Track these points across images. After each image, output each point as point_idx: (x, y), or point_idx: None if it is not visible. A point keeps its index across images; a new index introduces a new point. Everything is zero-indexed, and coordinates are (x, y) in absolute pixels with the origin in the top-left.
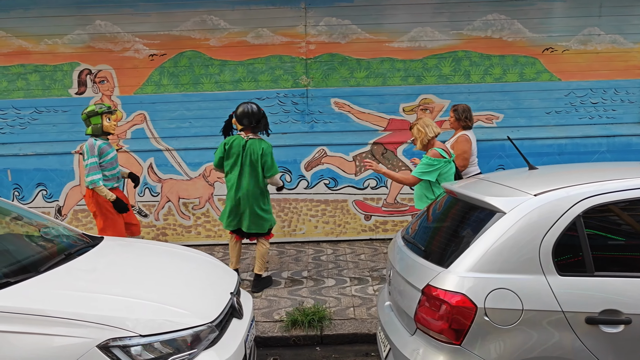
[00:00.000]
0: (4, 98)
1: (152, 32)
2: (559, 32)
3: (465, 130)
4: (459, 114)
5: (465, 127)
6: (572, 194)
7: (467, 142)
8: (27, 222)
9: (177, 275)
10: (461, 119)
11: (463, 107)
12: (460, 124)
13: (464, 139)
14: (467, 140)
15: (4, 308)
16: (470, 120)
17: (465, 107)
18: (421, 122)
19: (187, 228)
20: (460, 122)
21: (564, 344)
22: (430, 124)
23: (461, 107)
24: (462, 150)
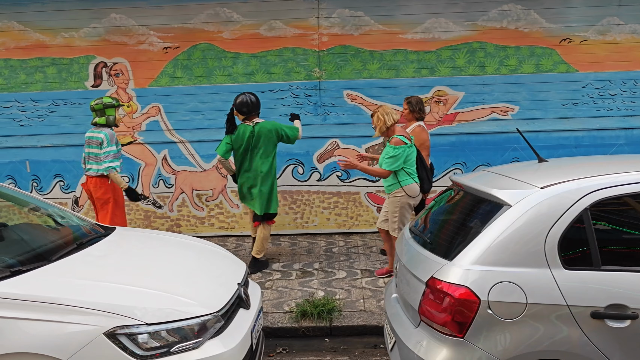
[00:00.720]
0: (23, 91)
1: (166, 25)
2: (577, 22)
3: (419, 121)
4: (413, 105)
5: (418, 119)
6: (579, 187)
7: (424, 132)
8: (43, 213)
9: (185, 265)
10: (415, 111)
11: (416, 98)
12: (414, 116)
13: (421, 129)
14: (424, 130)
15: (15, 295)
16: (423, 111)
17: (418, 98)
18: (381, 110)
19: (201, 219)
20: (414, 114)
21: (569, 338)
22: (390, 112)
23: (414, 98)
24: (423, 139)
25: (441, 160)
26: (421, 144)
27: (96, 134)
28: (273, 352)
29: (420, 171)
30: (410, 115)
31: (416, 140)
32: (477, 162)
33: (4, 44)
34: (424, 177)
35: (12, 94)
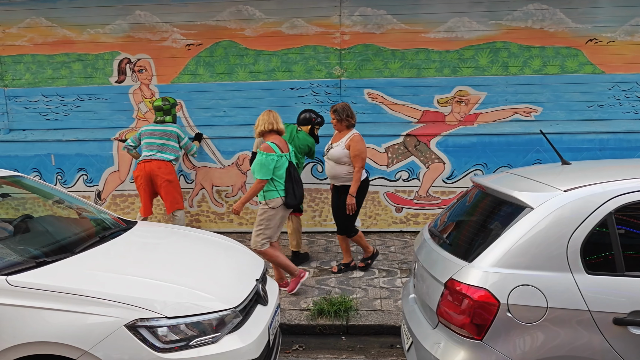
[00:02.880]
0: (49, 86)
1: (190, 22)
2: (604, 23)
3: (353, 128)
4: (339, 113)
5: (349, 126)
6: (604, 191)
7: (361, 141)
8: (67, 205)
9: (204, 261)
10: (343, 119)
11: (342, 105)
12: (344, 124)
13: (358, 138)
14: (361, 139)
15: (40, 285)
16: (352, 117)
17: (344, 105)
18: (265, 113)
19: (220, 215)
20: (343, 122)
21: (590, 344)
22: (267, 120)
23: (339, 106)
24: (359, 150)
25: (461, 161)
26: (356, 154)
27: (167, 127)
28: (289, 349)
29: (288, 184)
30: (339, 124)
31: (352, 150)
32: (499, 164)
33: (32, 40)
34: (289, 190)
35: (38, 89)
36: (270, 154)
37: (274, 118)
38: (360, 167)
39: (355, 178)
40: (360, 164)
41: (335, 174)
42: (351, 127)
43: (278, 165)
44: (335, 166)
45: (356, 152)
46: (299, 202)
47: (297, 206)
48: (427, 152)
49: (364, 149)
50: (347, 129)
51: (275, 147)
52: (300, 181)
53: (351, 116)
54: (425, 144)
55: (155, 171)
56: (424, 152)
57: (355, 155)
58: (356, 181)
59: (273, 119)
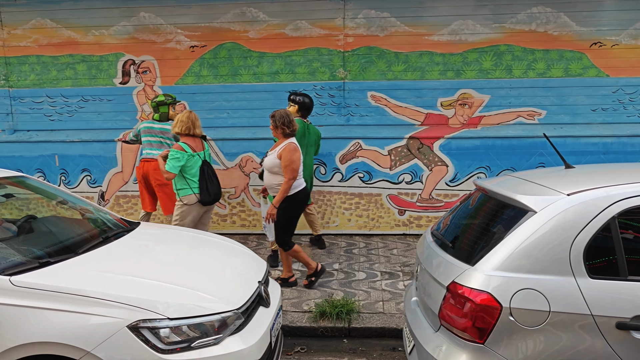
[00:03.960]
0: (54, 87)
1: (193, 24)
2: (609, 26)
3: (289, 137)
4: (276, 120)
5: (286, 135)
6: (607, 195)
7: (294, 151)
8: (70, 206)
9: (207, 262)
10: (278, 126)
11: (280, 113)
12: (279, 132)
13: (291, 148)
14: (295, 149)
15: (42, 286)
16: (289, 127)
17: (282, 112)
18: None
19: (223, 217)
20: (279, 130)
21: (593, 349)
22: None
23: (278, 113)
24: (289, 160)
25: (465, 164)
26: (286, 165)
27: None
28: (291, 350)
29: (202, 182)
30: (275, 131)
31: (283, 159)
32: (502, 167)
33: (37, 41)
34: (203, 187)
35: (43, 90)
36: (180, 152)
37: (192, 123)
38: (290, 179)
39: (282, 189)
40: (290, 175)
41: (269, 183)
42: (288, 136)
43: (190, 164)
44: (269, 175)
45: (287, 162)
46: (213, 198)
47: (212, 202)
48: (430, 155)
49: (295, 160)
50: (284, 137)
51: (187, 147)
52: (215, 178)
53: (287, 125)
54: (428, 147)
55: (152, 173)
56: (427, 155)
57: (286, 166)
58: (282, 192)
59: (191, 124)
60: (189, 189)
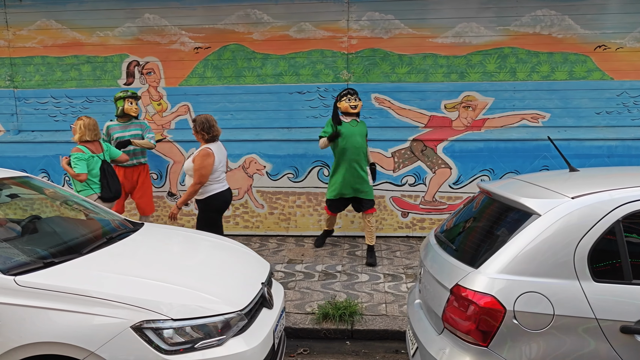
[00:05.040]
0: (58, 87)
1: (198, 26)
2: (613, 29)
3: (210, 143)
4: (196, 125)
5: (209, 140)
6: (611, 198)
7: (206, 157)
8: (74, 207)
9: (211, 263)
10: (198, 132)
11: (201, 118)
12: (199, 137)
13: (205, 153)
14: (208, 156)
15: (47, 286)
16: (209, 132)
17: (203, 118)
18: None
19: (226, 218)
20: (198, 135)
21: (597, 352)
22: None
23: (199, 118)
24: (200, 164)
25: (468, 167)
26: (196, 169)
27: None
28: (294, 352)
29: (103, 180)
30: (196, 135)
31: (195, 163)
32: (505, 170)
33: (42, 42)
34: (104, 185)
35: (48, 90)
36: (80, 154)
37: (86, 130)
38: (197, 183)
39: (187, 192)
40: (197, 179)
41: (187, 185)
42: (208, 141)
43: (91, 166)
44: (187, 178)
45: (197, 166)
46: (114, 195)
47: (113, 199)
48: (434, 157)
49: (206, 165)
50: (204, 142)
51: (85, 149)
52: (115, 176)
53: (207, 130)
54: (432, 149)
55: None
56: (430, 157)
57: (195, 170)
58: (186, 194)
59: (85, 131)
60: (89, 190)
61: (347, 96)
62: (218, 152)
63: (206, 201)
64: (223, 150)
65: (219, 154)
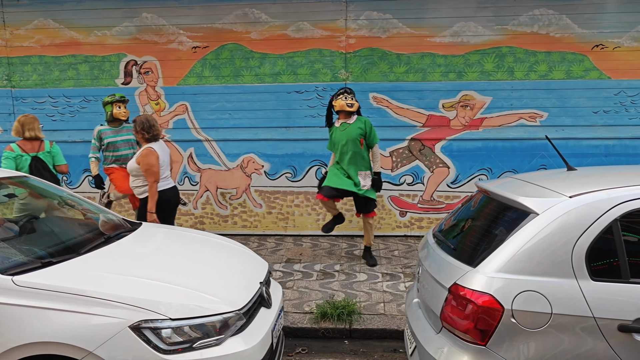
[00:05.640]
0: (56, 87)
1: (196, 25)
2: (611, 28)
3: (151, 142)
4: (136, 126)
5: (149, 140)
6: (609, 197)
7: (150, 155)
8: (72, 206)
9: (209, 263)
10: (138, 132)
11: (141, 118)
12: (139, 136)
13: (146, 152)
14: (150, 154)
15: (45, 286)
16: (149, 131)
17: (143, 118)
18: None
19: (224, 217)
20: (139, 134)
21: (595, 351)
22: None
23: (139, 118)
24: (147, 164)
25: (466, 166)
26: (146, 169)
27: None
28: (292, 352)
29: None
30: (137, 135)
31: (141, 165)
32: (503, 169)
33: (39, 41)
34: None
35: (45, 90)
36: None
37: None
38: (154, 182)
39: (150, 193)
40: (152, 178)
41: (131, 185)
42: (148, 140)
43: (21, 165)
44: (131, 178)
45: (145, 166)
46: None
47: None
48: (432, 157)
49: (154, 163)
50: (144, 141)
51: (16, 147)
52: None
53: (147, 130)
54: (430, 148)
55: None
56: (428, 157)
57: (146, 170)
58: (151, 196)
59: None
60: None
61: (344, 94)
62: (160, 150)
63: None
64: (166, 149)
65: (162, 152)
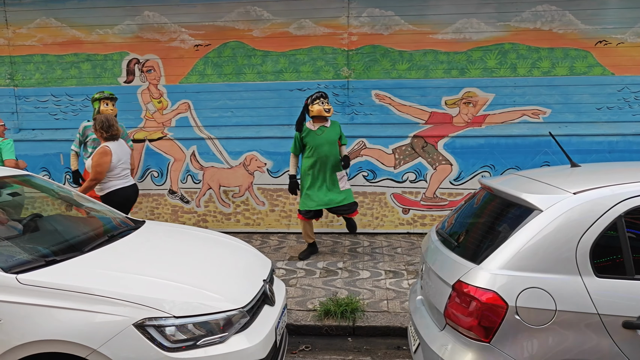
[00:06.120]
0: (58, 86)
1: (198, 23)
2: (614, 24)
3: (109, 141)
4: (95, 125)
5: (107, 139)
6: (613, 194)
7: (103, 155)
8: (75, 205)
9: (212, 261)
10: (97, 130)
11: (100, 118)
12: (98, 135)
13: (101, 151)
14: (104, 153)
15: (49, 284)
16: (108, 131)
17: (103, 117)
18: None
19: (227, 215)
20: (98, 133)
21: (599, 347)
22: None
23: (99, 117)
24: (95, 162)
25: (469, 163)
26: (93, 165)
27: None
28: (296, 349)
29: None
30: (96, 134)
31: (92, 160)
32: (506, 166)
33: (41, 40)
34: None
35: (48, 89)
36: None
37: None
38: (92, 179)
39: (83, 188)
40: (92, 175)
41: None
42: (107, 139)
43: None
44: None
45: (94, 163)
46: None
47: None
48: (435, 154)
49: (101, 162)
50: (103, 140)
51: None
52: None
53: (105, 129)
54: (432, 146)
55: None
56: (431, 154)
57: (92, 166)
58: (81, 189)
59: None
60: None
61: (320, 99)
62: (118, 150)
63: (106, 197)
64: (125, 148)
65: (119, 152)
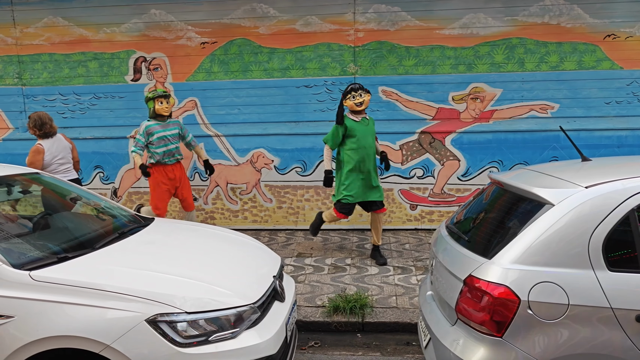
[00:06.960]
0: (66, 84)
1: (204, 21)
2: (623, 18)
3: (45, 138)
4: (29, 123)
5: (41, 136)
6: (625, 187)
7: (35, 153)
8: (85, 202)
9: (223, 257)
10: (30, 127)
11: (34, 116)
12: (32, 132)
13: (34, 149)
14: (36, 151)
15: (61, 280)
16: (41, 128)
17: (36, 116)
18: None
19: (235, 212)
20: (31, 131)
21: (612, 342)
22: None
23: (33, 116)
24: (29, 160)
25: (477, 159)
26: (28, 164)
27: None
28: (305, 345)
29: None
30: (30, 131)
31: (27, 159)
32: (515, 161)
33: (49, 39)
34: None
35: (56, 87)
36: None
37: None
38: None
39: None
40: None
41: None
42: (40, 137)
43: None
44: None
45: (27, 161)
46: None
47: None
48: (442, 150)
49: (34, 161)
50: (38, 137)
51: None
52: None
53: (38, 127)
54: (440, 141)
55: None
56: (438, 150)
57: (27, 164)
58: None
59: None
60: None
61: (352, 93)
62: (52, 147)
63: None
64: (64, 144)
65: (54, 149)
